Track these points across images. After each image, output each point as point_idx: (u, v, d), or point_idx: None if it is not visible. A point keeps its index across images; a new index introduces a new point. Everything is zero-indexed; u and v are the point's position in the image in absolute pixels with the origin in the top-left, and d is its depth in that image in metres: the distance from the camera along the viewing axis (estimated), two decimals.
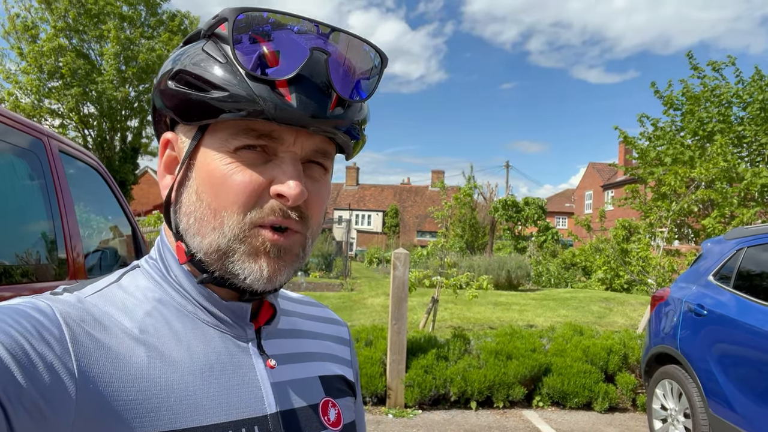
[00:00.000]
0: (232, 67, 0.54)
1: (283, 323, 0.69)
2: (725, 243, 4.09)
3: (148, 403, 0.51)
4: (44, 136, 2.51)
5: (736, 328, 3.49)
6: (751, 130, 12.76)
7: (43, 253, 2.45)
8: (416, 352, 5.41)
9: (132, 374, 0.52)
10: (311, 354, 0.70)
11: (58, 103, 22.27)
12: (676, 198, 10.67)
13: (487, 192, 22.63)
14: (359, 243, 41.26)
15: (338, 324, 0.80)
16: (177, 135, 0.61)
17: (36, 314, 0.50)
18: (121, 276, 0.62)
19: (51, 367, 0.47)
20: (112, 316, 0.55)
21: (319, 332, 0.75)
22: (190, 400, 0.54)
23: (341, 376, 0.72)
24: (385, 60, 0.61)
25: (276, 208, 0.56)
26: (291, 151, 0.57)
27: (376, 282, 15.76)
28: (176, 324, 0.59)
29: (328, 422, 0.65)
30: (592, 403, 5.31)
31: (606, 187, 36.40)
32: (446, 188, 20.88)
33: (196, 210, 0.58)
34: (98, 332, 0.53)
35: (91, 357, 0.50)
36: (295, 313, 0.73)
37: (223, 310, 0.61)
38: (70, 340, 0.50)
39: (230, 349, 0.60)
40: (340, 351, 0.76)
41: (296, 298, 0.78)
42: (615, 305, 9.94)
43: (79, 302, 0.55)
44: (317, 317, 0.77)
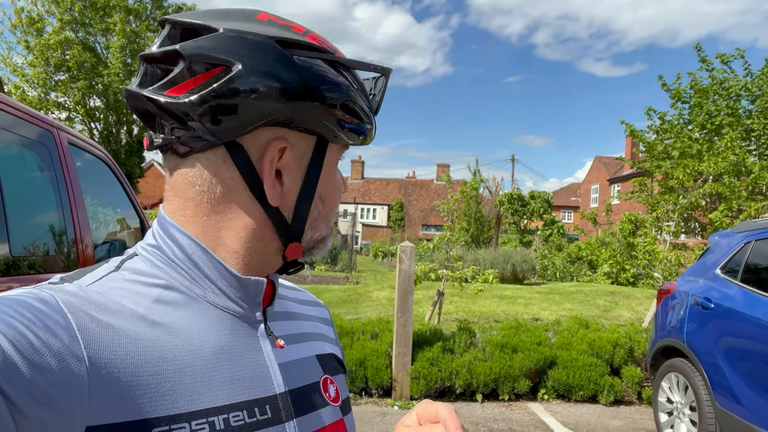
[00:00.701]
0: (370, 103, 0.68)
1: (278, 306, 0.71)
2: (733, 236, 4.08)
3: (163, 386, 0.52)
4: (54, 127, 2.52)
5: (743, 322, 3.48)
6: (760, 124, 12.66)
7: (52, 245, 2.47)
8: (422, 345, 5.43)
9: (144, 358, 0.52)
10: (307, 334, 0.72)
11: (64, 96, 22.34)
12: (683, 192, 10.61)
13: (493, 186, 22.59)
14: (364, 236, 41.32)
15: (320, 306, 0.84)
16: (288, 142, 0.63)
17: (39, 304, 0.49)
18: (120, 263, 0.61)
19: (59, 355, 0.47)
20: (118, 302, 0.55)
21: (307, 314, 0.77)
22: (204, 382, 0.55)
23: (332, 354, 0.76)
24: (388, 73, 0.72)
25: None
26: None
27: (382, 275, 15.79)
28: (184, 307, 0.59)
29: (329, 398, 0.68)
30: (598, 396, 5.32)
31: (612, 181, 36.24)
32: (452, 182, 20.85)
33: (320, 211, 0.67)
34: (106, 318, 0.52)
35: (101, 343, 0.50)
36: (284, 297, 0.76)
37: (236, 287, 0.61)
38: (77, 327, 0.50)
39: (238, 330, 0.61)
40: (327, 331, 0.80)
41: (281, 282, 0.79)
42: (621, 299, 9.93)
43: (81, 291, 0.54)
44: (302, 300, 0.80)
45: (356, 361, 5.15)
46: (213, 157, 0.60)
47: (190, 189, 0.61)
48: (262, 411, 0.58)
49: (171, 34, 0.60)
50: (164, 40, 0.60)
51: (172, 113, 0.58)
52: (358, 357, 5.17)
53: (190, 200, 0.61)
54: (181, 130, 0.59)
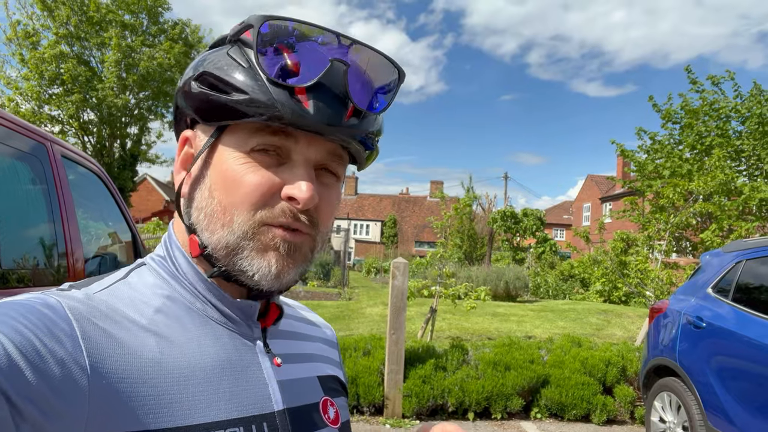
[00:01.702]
0: (255, 72, 0.56)
1: (283, 325, 0.71)
2: (724, 256, 4.10)
3: (161, 399, 0.52)
4: (47, 140, 2.51)
5: (735, 341, 3.49)
6: (750, 145, 12.83)
7: (43, 258, 2.45)
8: (414, 362, 5.39)
9: (145, 370, 0.52)
10: (309, 355, 0.72)
11: (58, 109, 22.30)
12: (674, 211, 10.69)
13: (486, 203, 22.67)
14: (357, 252, 41.23)
15: (326, 327, 0.84)
16: (195, 133, 0.63)
17: (45, 310, 0.50)
18: (127, 273, 0.62)
19: (62, 362, 0.47)
20: (122, 312, 0.55)
21: (312, 335, 0.77)
22: (202, 396, 0.55)
23: (335, 376, 0.75)
24: (402, 75, 0.62)
25: (287, 210, 0.58)
26: (304, 155, 0.59)
27: (374, 291, 15.73)
28: (186, 320, 0.59)
29: (329, 420, 0.67)
30: (591, 416, 5.29)
31: (604, 200, 36.48)
32: (446, 198, 20.91)
33: (207, 206, 0.59)
34: (109, 327, 0.53)
35: (103, 352, 0.50)
36: (291, 316, 0.75)
37: (231, 308, 0.62)
38: (81, 335, 0.50)
39: (238, 346, 0.61)
40: (330, 353, 0.79)
41: (289, 302, 0.80)
42: (613, 317, 9.93)
43: (87, 299, 0.55)
44: (308, 320, 0.80)
45: (348, 379, 5.08)
46: None
47: None
48: (259, 428, 0.57)
49: None
50: None
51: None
52: (350, 374, 5.12)
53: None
54: None
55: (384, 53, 0.60)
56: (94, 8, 22.09)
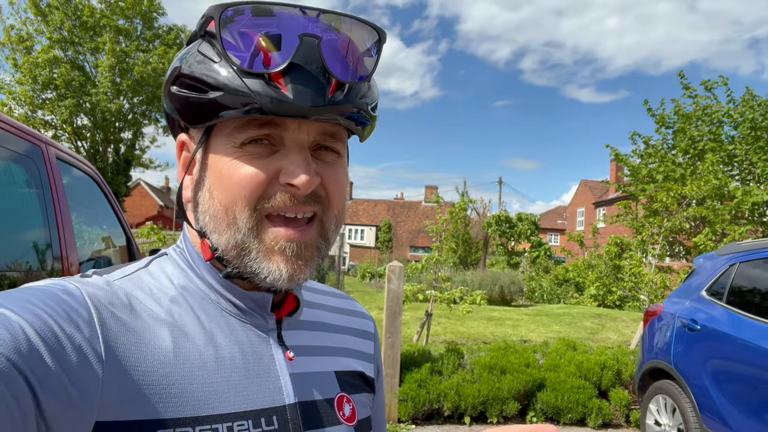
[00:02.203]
0: (225, 64, 0.54)
1: (306, 315, 0.69)
2: (717, 259, 4.12)
3: (172, 389, 0.52)
4: (42, 143, 2.51)
5: (729, 343, 3.50)
6: (742, 149, 12.93)
7: (37, 261, 2.43)
8: (410, 366, 5.39)
9: (158, 359, 0.52)
10: (330, 348, 0.70)
11: (51, 114, 22.24)
12: (667, 215, 10.75)
13: (481, 208, 22.71)
14: (352, 257, 41.19)
15: (363, 317, 0.80)
16: (190, 136, 0.63)
17: (65, 296, 0.50)
18: (149, 262, 0.63)
19: (79, 349, 0.47)
20: (140, 300, 0.56)
21: (342, 325, 0.74)
22: (212, 388, 0.55)
23: (359, 372, 0.72)
24: (383, 35, 0.59)
25: (286, 197, 0.56)
26: (296, 138, 0.56)
27: (369, 296, 15.71)
28: (200, 311, 0.59)
29: (343, 417, 0.65)
30: (586, 419, 5.29)
31: (598, 205, 36.63)
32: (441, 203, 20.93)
33: (210, 208, 0.58)
34: (126, 316, 0.53)
35: (118, 340, 0.51)
36: (320, 306, 0.73)
37: (244, 299, 0.62)
38: (98, 322, 0.50)
39: (251, 338, 0.61)
40: (361, 345, 0.75)
41: (322, 289, 0.78)
42: (607, 321, 9.96)
43: (107, 285, 0.55)
44: (342, 309, 0.77)
45: None
46: None
47: None
48: (268, 421, 0.57)
49: None
50: None
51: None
52: None
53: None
54: None
55: (358, 17, 0.57)
56: (88, 13, 22.08)
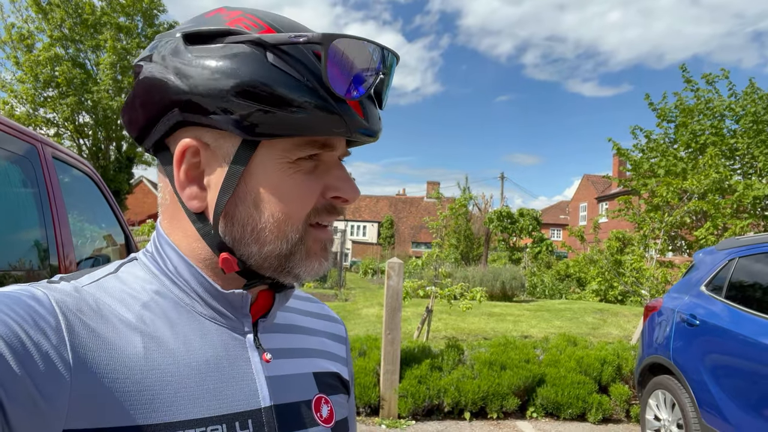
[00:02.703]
0: (317, 86, 0.54)
1: (280, 318, 0.69)
2: (717, 253, 4.12)
3: (143, 395, 0.52)
4: (38, 142, 2.51)
5: (728, 339, 3.50)
6: (744, 143, 12.88)
7: (34, 261, 2.44)
8: (410, 363, 5.40)
9: (128, 365, 0.52)
10: (306, 350, 0.70)
11: (53, 112, 22.25)
12: (668, 209, 10.73)
13: (482, 203, 22.68)
14: (354, 254, 41.21)
15: (335, 321, 0.80)
16: (202, 143, 0.57)
17: (32, 302, 0.50)
18: (118, 267, 0.62)
19: (46, 356, 0.47)
20: (109, 306, 0.55)
21: (315, 329, 0.75)
22: (185, 393, 0.54)
23: (335, 373, 0.72)
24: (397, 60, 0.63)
25: (332, 209, 0.61)
26: (336, 155, 0.61)
27: (371, 292, 15.73)
28: (173, 316, 0.59)
29: (321, 418, 0.65)
30: (586, 414, 5.30)
31: (600, 199, 36.55)
32: (442, 199, 20.90)
33: (254, 220, 0.57)
34: (94, 322, 0.53)
35: (87, 347, 0.50)
36: (292, 309, 0.74)
37: (221, 301, 0.61)
38: (65, 329, 0.50)
39: (226, 341, 0.60)
40: (335, 348, 0.76)
41: (296, 294, 0.78)
42: (609, 316, 9.95)
43: (75, 291, 0.54)
44: (314, 313, 0.77)
45: None
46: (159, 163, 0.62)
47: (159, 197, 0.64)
48: (243, 425, 0.56)
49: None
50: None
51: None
52: None
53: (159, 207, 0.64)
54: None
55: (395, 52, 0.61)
56: (89, 11, 22.05)
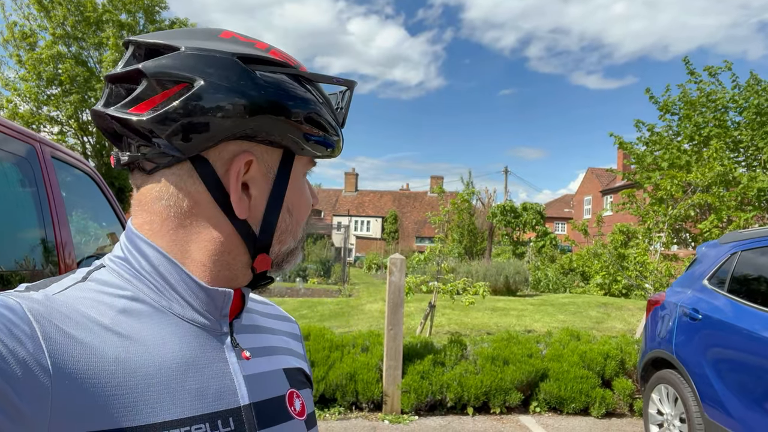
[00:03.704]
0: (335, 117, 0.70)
1: (245, 319, 0.71)
2: (720, 247, 4.09)
3: (125, 398, 0.52)
4: (36, 142, 2.51)
5: (730, 333, 3.49)
6: (748, 135, 12.80)
7: (35, 261, 2.45)
8: (413, 358, 5.40)
9: (108, 369, 0.52)
10: (273, 348, 0.73)
11: (56, 110, 22.30)
12: (673, 203, 10.68)
13: (486, 197, 22.63)
14: (358, 249, 41.26)
15: (290, 321, 0.85)
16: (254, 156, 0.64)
17: (4, 311, 0.50)
18: (87, 274, 0.62)
19: (24, 363, 0.47)
20: (83, 312, 0.55)
21: (276, 328, 0.78)
22: (168, 394, 0.55)
23: (300, 369, 0.76)
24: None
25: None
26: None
27: (375, 288, 15.75)
28: (150, 319, 0.59)
29: (295, 412, 0.68)
30: (589, 409, 5.30)
31: (605, 193, 36.44)
32: (444, 193, 20.86)
33: (288, 224, 0.68)
34: (70, 328, 0.53)
35: (65, 353, 0.50)
36: (252, 310, 0.76)
37: (202, 298, 0.62)
38: (42, 336, 0.50)
39: (203, 343, 0.61)
40: (295, 346, 0.80)
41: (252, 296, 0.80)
42: (613, 310, 9.93)
43: (46, 299, 0.54)
44: (271, 314, 0.81)
45: (346, 375, 5.11)
46: (179, 171, 0.61)
47: (157, 203, 0.62)
48: (225, 423, 0.58)
49: (135, 54, 0.62)
50: (128, 60, 0.62)
51: (136, 130, 0.59)
52: (349, 371, 5.13)
53: (157, 215, 0.62)
54: (147, 146, 0.60)
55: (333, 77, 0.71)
56: (91, 8, 22.06)
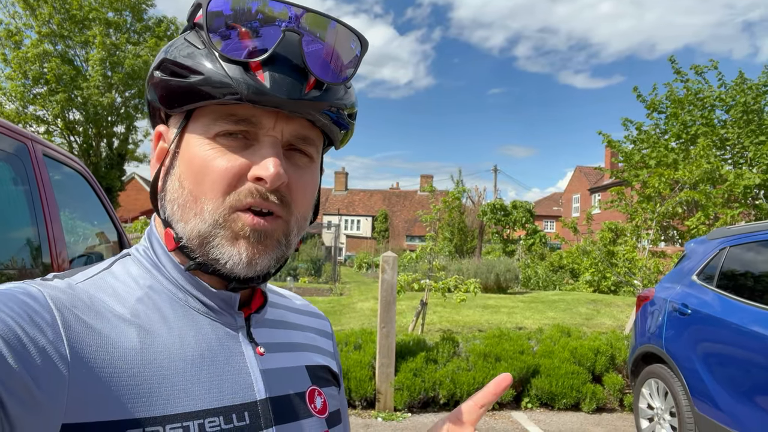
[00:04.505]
0: (209, 51, 0.56)
1: (271, 314, 0.71)
2: (708, 243, 4.15)
3: (140, 388, 0.52)
4: (28, 140, 2.49)
5: (719, 327, 3.54)
6: (734, 133, 12.96)
7: (27, 259, 2.43)
8: (405, 356, 5.42)
9: (125, 359, 0.52)
10: (298, 344, 0.71)
11: (43, 109, 22.06)
12: (660, 200, 10.79)
13: (476, 196, 22.71)
14: (349, 248, 41.23)
15: (321, 318, 0.82)
16: (168, 127, 0.63)
17: (27, 299, 0.50)
18: (112, 263, 0.63)
19: (43, 351, 0.47)
20: (104, 302, 0.56)
21: (304, 324, 0.76)
22: (181, 386, 0.55)
23: (326, 366, 0.74)
24: (365, 43, 0.61)
25: (253, 190, 0.57)
26: (271, 135, 0.58)
27: (366, 286, 15.75)
28: (167, 311, 0.59)
29: (315, 410, 0.66)
30: (580, 404, 5.34)
31: (593, 191, 36.69)
32: (435, 192, 20.93)
33: (179, 197, 0.59)
34: (90, 318, 0.53)
35: (83, 342, 0.51)
36: (281, 306, 0.75)
37: (212, 298, 0.62)
38: (62, 325, 0.50)
39: (220, 336, 0.61)
40: (323, 343, 0.78)
41: (281, 291, 0.80)
42: (602, 307, 10.01)
43: (69, 288, 0.55)
44: (301, 310, 0.79)
45: None
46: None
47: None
48: (240, 417, 0.57)
49: None
50: None
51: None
52: (341, 368, 5.13)
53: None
54: None
55: (343, 21, 0.59)
56: (77, 6, 21.85)
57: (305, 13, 0.57)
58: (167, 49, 0.60)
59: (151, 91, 0.62)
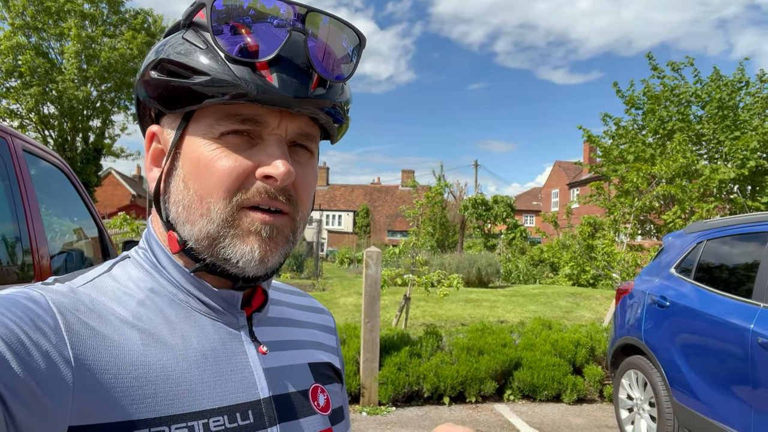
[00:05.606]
0: (213, 52, 0.55)
1: (272, 312, 0.71)
2: (685, 237, 4.24)
3: (144, 389, 0.52)
4: (7, 135, 2.44)
5: (697, 319, 3.62)
6: (710, 129, 13.22)
7: (6, 256, 2.39)
8: (389, 350, 5.44)
9: (128, 361, 0.53)
10: (300, 342, 0.72)
11: (16, 103, 21.56)
12: (638, 194, 10.97)
13: (457, 191, 22.83)
14: (330, 243, 41.11)
15: (324, 313, 0.82)
16: (162, 127, 0.62)
17: (30, 303, 0.50)
18: (111, 266, 0.62)
19: (47, 355, 0.47)
20: (106, 305, 0.56)
21: (306, 321, 0.76)
22: (185, 386, 0.55)
23: (328, 363, 0.74)
24: (363, 40, 0.62)
25: (262, 189, 0.57)
26: (276, 134, 0.58)
27: (348, 281, 15.75)
28: (169, 312, 0.59)
29: (318, 407, 0.67)
30: (561, 395, 5.43)
31: (572, 185, 37.12)
32: (417, 187, 21.00)
33: (184, 198, 0.58)
34: (92, 321, 0.53)
35: (86, 345, 0.51)
36: (283, 303, 0.75)
37: (214, 298, 0.62)
38: (64, 328, 0.50)
39: (222, 336, 0.61)
40: (326, 339, 0.78)
41: (283, 287, 0.79)
42: (581, 300, 10.16)
43: (71, 292, 0.55)
44: (304, 306, 0.79)
45: None
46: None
47: None
48: (243, 416, 0.58)
49: None
50: None
51: None
52: None
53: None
54: None
55: (343, 19, 0.60)
56: None
57: (309, 12, 0.57)
58: (162, 48, 0.58)
59: (143, 90, 0.60)
